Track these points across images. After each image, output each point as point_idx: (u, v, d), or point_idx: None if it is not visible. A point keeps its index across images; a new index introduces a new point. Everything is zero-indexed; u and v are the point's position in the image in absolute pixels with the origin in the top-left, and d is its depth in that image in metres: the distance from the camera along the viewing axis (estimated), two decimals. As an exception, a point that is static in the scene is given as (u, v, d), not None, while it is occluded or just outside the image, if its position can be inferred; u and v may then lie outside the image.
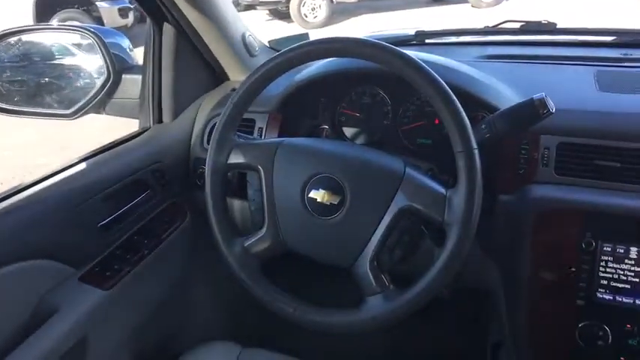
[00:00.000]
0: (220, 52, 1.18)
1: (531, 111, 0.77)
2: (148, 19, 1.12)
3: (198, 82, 1.22)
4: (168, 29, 1.12)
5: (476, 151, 0.70)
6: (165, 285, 1.10)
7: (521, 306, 0.86)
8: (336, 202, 0.76)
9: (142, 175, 1.04)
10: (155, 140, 1.12)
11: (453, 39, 1.41)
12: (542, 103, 0.76)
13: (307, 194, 0.78)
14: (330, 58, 1.04)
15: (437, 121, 1.02)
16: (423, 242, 0.80)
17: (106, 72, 1.14)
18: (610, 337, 0.80)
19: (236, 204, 1.10)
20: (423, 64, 0.72)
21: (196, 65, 1.20)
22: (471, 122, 0.71)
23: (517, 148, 0.89)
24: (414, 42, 1.40)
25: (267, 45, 1.36)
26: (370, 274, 0.74)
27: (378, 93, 1.09)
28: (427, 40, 1.40)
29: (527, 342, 0.86)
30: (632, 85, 0.98)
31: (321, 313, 0.78)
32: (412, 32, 1.40)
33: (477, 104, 0.95)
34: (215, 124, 0.94)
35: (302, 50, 0.78)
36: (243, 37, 1.21)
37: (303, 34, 1.38)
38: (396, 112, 1.07)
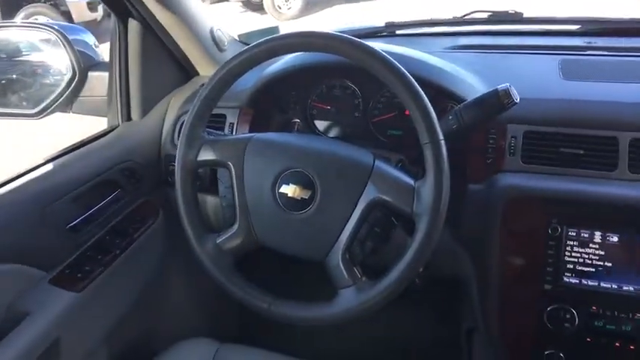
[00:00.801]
0: (188, 47, 1.16)
1: (496, 101, 0.78)
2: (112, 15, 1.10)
3: (167, 78, 1.21)
4: (133, 25, 1.09)
5: (442, 143, 0.71)
6: (140, 284, 1.09)
7: (492, 292, 0.88)
8: (306, 197, 0.77)
9: (111, 174, 1.02)
10: (124, 138, 1.10)
11: (423, 30, 1.42)
12: (507, 93, 0.77)
13: (278, 189, 0.78)
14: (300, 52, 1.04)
15: (407, 113, 1.03)
16: (394, 233, 0.81)
17: (71, 70, 1.12)
18: (577, 319, 0.83)
19: (209, 200, 1.10)
20: (389, 57, 0.73)
21: (164, 61, 1.19)
22: (439, 114, 0.72)
23: (485, 138, 0.91)
24: (385, 34, 1.41)
25: (237, 39, 1.35)
26: (342, 267, 0.75)
27: (348, 86, 1.09)
28: (398, 32, 1.41)
29: (498, 327, 0.88)
30: (596, 73, 1.00)
31: (296, 307, 0.78)
32: (382, 24, 1.40)
33: (445, 96, 0.96)
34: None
35: (267, 46, 0.77)
36: (212, 31, 1.19)
37: (274, 27, 1.37)
38: (367, 105, 1.07)
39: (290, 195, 0.77)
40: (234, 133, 1.07)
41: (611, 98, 0.90)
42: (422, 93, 0.71)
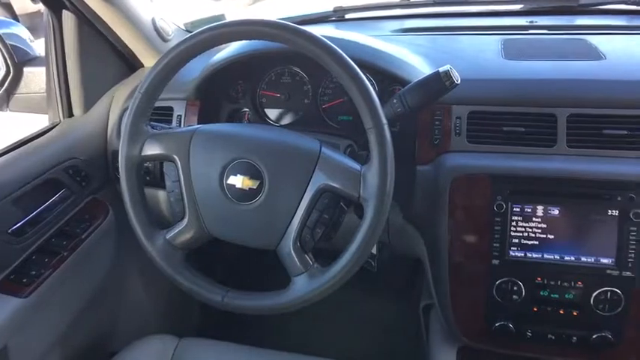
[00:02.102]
0: (129, 38, 1.12)
1: (437, 83, 0.79)
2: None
3: (110, 71, 1.17)
4: (68, 16, 1.04)
5: (386, 127, 0.71)
6: (93, 284, 1.06)
7: (443, 269, 0.90)
8: (255, 187, 0.76)
9: (54, 174, 0.99)
10: (67, 135, 1.06)
11: (372, 13, 1.42)
12: (448, 75, 0.78)
13: (226, 181, 0.78)
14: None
15: None
16: (345, 218, 0.81)
17: (4, 66, 1.06)
18: (523, 290, 0.86)
19: (161, 195, 1.08)
20: (328, 43, 0.72)
21: (105, 53, 1.14)
22: (387, 98, 0.72)
23: (431, 120, 0.92)
24: (334, 18, 1.40)
25: (183, 28, 1.32)
26: (294, 255, 0.75)
27: (297, 72, 1.08)
28: (347, 16, 1.41)
29: (451, 302, 0.91)
30: (536, 52, 1.03)
31: (249, 297, 0.78)
32: (331, 9, 1.40)
33: (392, 79, 0.96)
34: None
35: (203, 37, 0.76)
36: (154, 21, 1.15)
37: (219, 15, 1.34)
38: (316, 91, 1.07)
39: (238, 186, 0.77)
40: (182, 125, 1.05)
41: (550, 76, 0.93)
42: (363, 78, 0.71)
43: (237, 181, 0.77)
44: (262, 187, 0.76)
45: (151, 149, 0.81)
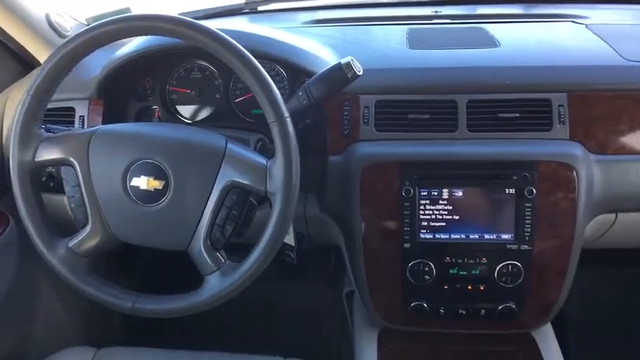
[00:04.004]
0: (21, 36, 1.04)
1: (340, 74, 0.80)
2: None
3: (2, 71, 1.08)
4: None
5: (288, 120, 0.72)
6: None
7: (359, 256, 0.92)
8: (160, 187, 0.74)
9: None
10: None
11: (284, 5, 1.41)
12: (349, 66, 0.79)
13: (129, 183, 0.75)
14: None
15: None
16: (256, 214, 0.81)
17: None
18: (434, 270, 0.90)
19: (66, 201, 1.02)
20: (228, 38, 0.71)
21: None
22: (295, 90, 0.72)
23: (340, 110, 0.93)
24: (247, 10, 1.38)
25: (85, 22, 1.25)
26: (205, 254, 0.74)
27: (206, 67, 1.06)
28: (259, 8, 1.40)
29: (368, 287, 0.94)
30: (440, 41, 1.07)
31: (161, 300, 0.76)
32: (243, 1, 1.38)
33: (300, 72, 0.97)
34: None
35: (94, 34, 0.72)
36: (48, 16, 1.08)
37: (124, 8, 1.28)
38: (227, 85, 1.05)
39: (143, 187, 0.74)
40: (85, 126, 0.99)
41: (450, 64, 0.97)
42: (263, 71, 0.71)
43: (142, 182, 0.74)
44: (168, 188, 0.74)
45: (46, 154, 0.76)
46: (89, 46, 0.73)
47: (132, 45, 0.99)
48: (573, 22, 1.14)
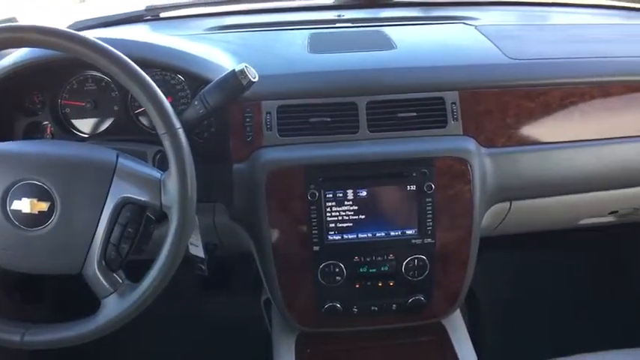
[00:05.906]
0: None
1: (235, 82, 0.79)
2: None
3: None
4: None
5: (180, 131, 0.70)
6: None
7: (270, 262, 0.92)
8: (46, 209, 0.70)
9: None
10: None
11: (187, 11, 1.38)
12: (243, 73, 0.79)
13: (9, 207, 0.70)
14: None
15: (170, 99, 1.00)
16: (155, 229, 0.78)
17: None
18: (345, 271, 0.92)
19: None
20: (109, 48, 0.68)
21: None
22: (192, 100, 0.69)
23: (242, 117, 0.92)
24: (148, 17, 1.34)
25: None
26: (100, 275, 0.71)
27: (102, 78, 1.01)
28: (161, 15, 1.35)
29: (281, 293, 0.94)
30: (339, 45, 1.09)
31: (55, 330, 0.72)
32: (143, 7, 1.33)
33: (197, 80, 0.94)
34: None
35: None
36: None
37: (9, 18, 1.19)
38: (125, 96, 1.01)
39: (25, 211, 0.69)
40: (-36, 147, 0.91)
41: (349, 67, 0.98)
42: (148, 81, 0.69)
43: (24, 205, 0.69)
44: (54, 209, 0.70)
45: None
46: None
47: (13, 57, 0.92)
48: (464, 23, 1.21)
